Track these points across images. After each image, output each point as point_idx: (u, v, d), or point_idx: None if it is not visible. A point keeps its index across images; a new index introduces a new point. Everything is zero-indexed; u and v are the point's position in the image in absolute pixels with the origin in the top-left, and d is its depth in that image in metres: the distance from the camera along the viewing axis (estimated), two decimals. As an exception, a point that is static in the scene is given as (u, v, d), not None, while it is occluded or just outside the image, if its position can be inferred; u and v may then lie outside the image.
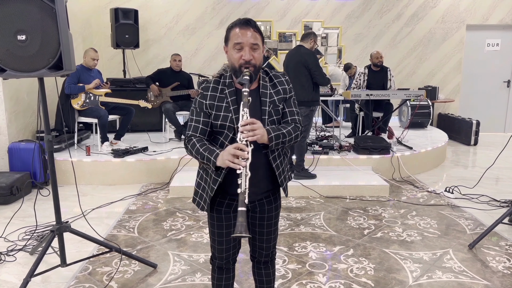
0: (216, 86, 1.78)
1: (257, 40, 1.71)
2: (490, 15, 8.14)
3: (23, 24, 2.34)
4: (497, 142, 7.59)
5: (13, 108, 4.91)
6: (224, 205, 1.85)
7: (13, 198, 4.26)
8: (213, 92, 1.77)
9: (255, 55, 1.70)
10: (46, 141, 2.60)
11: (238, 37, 1.69)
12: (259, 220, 1.90)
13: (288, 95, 1.83)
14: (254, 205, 1.87)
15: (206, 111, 1.77)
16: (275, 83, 1.82)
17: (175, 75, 6.06)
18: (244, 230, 1.54)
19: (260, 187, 1.83)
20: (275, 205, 1.92)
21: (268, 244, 1.95)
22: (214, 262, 1.99)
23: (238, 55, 1.70)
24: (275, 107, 1.79)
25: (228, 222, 1.87)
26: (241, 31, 1.69)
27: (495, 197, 4.45)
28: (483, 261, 3.06)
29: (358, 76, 6.25)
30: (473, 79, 8.45)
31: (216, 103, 1.75)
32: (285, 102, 1.83)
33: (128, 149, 5.12)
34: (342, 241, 3.40)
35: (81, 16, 7.03)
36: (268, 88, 1.80)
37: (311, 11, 8.03)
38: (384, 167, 5.17)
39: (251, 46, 1.69)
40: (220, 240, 1.90)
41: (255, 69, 1.71)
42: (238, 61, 1.70)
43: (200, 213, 3.99)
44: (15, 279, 2.79)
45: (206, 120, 1.77)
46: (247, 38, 1.68)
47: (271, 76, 1.84)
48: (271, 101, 1.78)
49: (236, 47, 1.70)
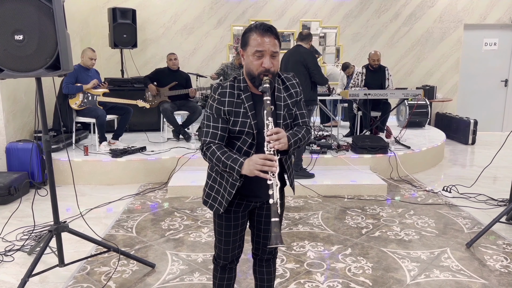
0: (232, 91, 1.75)
1: (277, 48, 1.71)
2: (487, 15, 8.16)
3: (20, 24, 2.33)
4: (495, 141, 7.61)
5: (11, 108, 4.90)
6: (234, 205, 1.85)
7: (11, 198, 4.25)
8: (231, 98, 1.74)
9: (274, 62, 1.70)
10: (44, 141, 2.60)
11: (259, 45, 1.67)
12: (265, 218, 1.92)
13: (299, 98, 1.87)
14: (262, 204, 1.89)
15: (224, 117, 1.74)
16: (287, 86, 1.84)
17: (173, 75, 6.06)
18: (280, 241, 1.55)
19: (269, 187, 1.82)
20: (280, 202, 1.89)
21: None
22: (218, 262, 1.99)
23: (258, 62, 1.69)
24: (289, 111, 1.82)
25: (236, 222, 1.88)
26: (263, 38, 1.67)
27: (493, 196, 4.46)
28: (481, 260, 3.07)
29: (356, 75, 6.25)
30: (471, 78, 8.47)
31: (234, 109, 1.74)
32: (296, 105, 1.86)
33: (126, 149, 5.12)
34: (340, 240, 3.40)
35: (79, 16, 7.02)
36: (282, 91, 1.81)
37: (309, 11, 8.04)
38: (382, 167, 5.18)
39: (272, 53, 1.69)
40: (227, 240, 1.91)
41: (273, 76, 1.72)
42: (258, 68, 1.69)
43: (198, 212, 3.99)
44: (13, 279, 2.79)
45: (224, 126, 1.75)
46: (269, 46, 1.67)
47: (283, 78, 1.84)
48: (285, 105, 1.80)
49: (256, 54, 1.68)
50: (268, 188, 1.67)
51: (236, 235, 1.91)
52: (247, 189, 1.80)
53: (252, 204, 1.88)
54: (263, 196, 1.80)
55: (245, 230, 1.96)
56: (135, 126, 6.53)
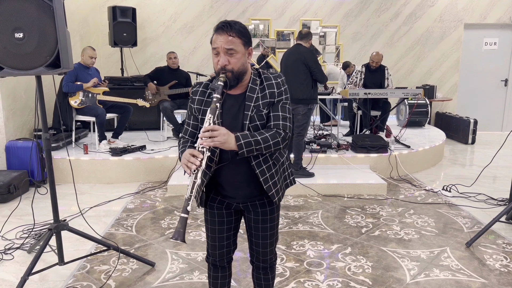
0: (204, 90, 1.79)
1: (233, 45, 1.64)
2: (487, 14, 8.16)
3: (20, 22, 2.33)
4: (495, 140, 7.61)
5: (11, 106, 4.90)
6: (216, 201, 1.87)
7: (11, 197, 4.25)
8: (201, 97, 1.79)
9: (231, 60, 1.66)
10: (44, 140, 2.59)
11: (213, 42, 1.68)
12: (254, 222, 1.89)
13: (277, 99, 1.74)
14: (247, 206, 1.86)
15: (195, 115, 1.80)
16: (264, 87, 1.75)
17: (173, 73, 6.05)
18: (179, 237, 1.56)
19: (245, 191, 1.81)
20: (270, 208, 1.87)
21: (264, 249, 1.93)
22: (208, 259, 2.00)
23: (215, 60, 1.69)
24: (258, 112, 1.73)
25: (221, 219, 1.88)
26: (216, 35, 1.66)
27: (493, 196, 4.46)
28: (481, 259, 3.07)
29: (355, 74, 6.25)
30: (471, 78, 8.47)
31: (203, 107, 1.77)
32: (272, 107, 1.74)
33: (126, 148, 5.12)
34: (340, 239, 3.40)
35: (79, 14, 7.01)
36: (256, 92, 1.74)
37: (309, 10, 8.03)
38: (382, 166, 5.18)
39: (226, 51, 1.65)
40: (213, 236, 1.91)
41: (232, 75, 1.67)
42: (216, 66, 1.70)
43: (198, 211, 3.99)
44: (12, 277, 2.79)
45: (195, 123, 1.82)
46: (221, 43, 1.65)
47: (263, 78, 1.77)
48: (255, 105, 1.72)
49: (213, 52, 1.69)
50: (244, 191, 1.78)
51: (222, 232, 1.90)
52: (223, 188, 1.83)
53: (234, 205, 1.87)
54: (239, 198, 1.82)
55: (234, 231, 1.94)
56: (135, 124, 6.52)
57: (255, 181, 1.78)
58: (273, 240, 1.94)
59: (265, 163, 1.75)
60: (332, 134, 6.08)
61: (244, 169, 1.76)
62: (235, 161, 1.72)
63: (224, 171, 1.78)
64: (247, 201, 1.84)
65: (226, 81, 1.67)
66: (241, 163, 1.74)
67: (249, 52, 1.73)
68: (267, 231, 1.90)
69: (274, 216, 1.90)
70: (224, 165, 1.76)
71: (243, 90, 1.76)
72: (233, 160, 1.73)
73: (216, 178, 1.80)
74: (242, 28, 1.68)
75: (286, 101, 1.77)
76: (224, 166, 1.76)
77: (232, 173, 1.77)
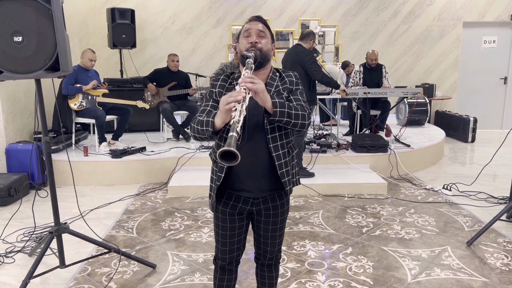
0: (226, 79, 1.85)
1: (265, 30, 1.80)
2: (486, 12, 8.16)
3: (19, 26, 2.33)
4: (495, 139, 7.61)
5: (10, 109, 4.90)
6: (229, 206, 1.85)
7: (11, 200, 4.25)
8: (223, 82, 1.84)
9: (262, 41, 1.77)
10: (44, 142, 2.59)
11: (247, 27, 1.80)
12: (264, 224, 1.90)
13: (295, 87, 1.86)
14: (259, 203, 1.85)
15: (215, 98, 1.82)
16: (283, 77, 1.86)
17: (172, 75, 6.05)
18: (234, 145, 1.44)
19: (263, 183, 1.81)
20: (281, 210, 1.90)
21: (272, 248, 1.96)
22: (217, 263, 1.99)
23: (246, 41, 1.78)
24: (279, 94, 1.81)
25: (232, 224, 1.88)
26: (250, 23, 1.81)
27: (493, 194, 4.47)
28: (481, 258, 3.07)
29: (354, 74, 6.26)
30: (470, 76, 8.47)
31: (224, 91, 1.81)
32: (291, 93, 1.85)
33: (126, 149, 5.12)
34: (340, 239, 3.41)
35: (78, 17, 7.01)
36: (276, 81, 1.84)
37: (308, 10, 8.03)
38: (382, 165, 5.18)
39: (258, 33, 1.77)
40: (223, 241, 1.91)
41: (260, 54, 1.75)
42: (246, 45, 1.76)
43: (199, 212, 3.99)
44: (14, 280, 2.79)
45: (214, 105, 1.82)
46: (255, 26, 1.78)
47: (281, 72, 1.89)
48: (275, 90, 1.81)
49: (244, 34, 1.79)
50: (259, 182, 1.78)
51: (233, 237, 1.90)
52: (235, 180, 1.80)
53: (247, 208, 1.85)
54: (255, 191, 1.81)
55: (244, 234, 1.94)
56: (135, 126, 6.52)
57: (270, 171, 1.80)
58: (281, 239, 1.98)
59: (281, 149, 1.79)
60: (332, 134, 6.08)
61: (261, 156, 1.77)
62: (253, 145, 1.73)
63: (241, 158, 1.72)
64: (261, 195, 1.84)
65: (256, 54, 1.73)
66: (259, 148, 1.75)
67: (272, 48, 1.84)
68: (276, 231, 1.92)
69: (284, 217, 1.93)
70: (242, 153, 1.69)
71: (264, 82, 1.79)
72: (252, 143, 1.74)
73: (233, 169, 1.79)
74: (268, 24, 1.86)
75: (302, 91, 1.89)
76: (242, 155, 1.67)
77: (249, 161, 1.74)
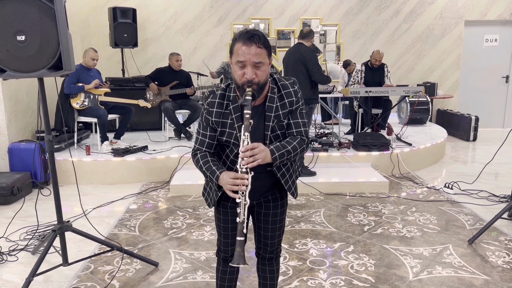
0: (221, 101, 1.75)
1: (261, 58, 1.63)
2: (488, 11, 8.14)
3: (22, 25, 2.34)
4: (496, 137, 7.60)
5: (13, 108, 4.91)
6: (230, 200, 1.86)
7: (14, 198, 4.27)
8: (219, 109, 1.75)
9: (258, 72, 1.64)
10: (47, 141, 2.61)
11: (241, 55, 1.62)
12: (264, 216, 1.93)
13: (295, 106, 1.78)
14: (259, 201, 1.89)
15: (213, 126, 1.78)
16: (282, 95, 1.76)
17: (174, 74, 6.05)
18: (242, 261, 1.58)
19: (261, 191, 1.87)
20: (281, 202, 1.93)
21: (272, 240, 1.98)
22: (219, 255, 2.02)
23: (240, 72, 1.65)
24: (279, 122, 1.76)
25: (234, 217, 1.88)
26: (244, 47, 1.62)
27: (494, 192, 4.46)
28: (483, 256, 3.08)
29: (356, 73, 6.26)
30: (472, 75, 8.46)
31: (222, 120, 1.75)
32: (291, 114, 1.78)
33: (128, 148, 5.13)
34: (342, 237, 3.41)
35: (80, 16, 7.03)
36: (275, 101, 1.75)
37: (309, 9, 8.03)
38: (384, 164, 5.18)
39: (254, 64, 1.62)
40: (225, 233, 1.94)
41: (258, 87, 1.66)
42: (241, 79, 1.65)
43: (201, 211, 4.01)
44: (17, 278, 2.80)
45: (212, 135, 1.80)
46: (250, 56, 1.61)
47: (279, 86, 1.77)
48: (276, 115, 1.75)
49: (238, 64, 1.64)
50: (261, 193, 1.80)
51: (235, 230, 1.90)
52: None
53: None
54: (255, 194, 1.82)
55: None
56: (137, 125, 6.54)
57: (271, 182, 1.84)
58: (281, 232, 2.00)
59: (284, 166, 1.81)
60: (333, 133, 6.09)
61: (263, 175, 1.79)
62: (257, 170, 1.70)
63: None
64: (262, 197, 1.88)
65: (254, 94, 1.64)
66: (261, 167, 1.72)
67: (270, 62, 1.71)
68: (276, 224, 1.95)
69: (284, 209, 1.96)
70: None
71: (262, 101, 1.76)
72: (257, 170, 1.70)
73: None
74: (265, 38, 1.67)
75: (302, 106, 1.82)
76: None
77: (252, 179, 1.70)
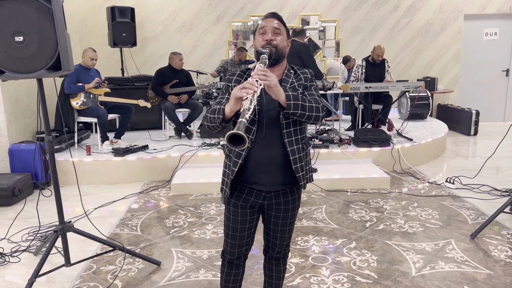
0: (242, 74, 1.89)
1: (280, 27, 1.82)
2: (487, 4, 8.12)
3: (20, 25, 2.33)
4: (497, 131, 7.59)
5: (13, 109, 4.91)
6: (241, 199, 1.86)
7: (15, 200, 4.27)
8: (239, 77, 1.88)
9: (277, 38, 1.79)
10: (47, 142, 2.60)
11: (263, 23, 1.83)
12: (274, 218, 1.92)
13: (309, 83, 1.88)
14: (270, 197, 1.86)
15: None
16: (298, 74, 1.89)
17: (175, 73, 6.04)
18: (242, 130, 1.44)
19: (276, 177, 1.82)
20: (292, 203, 1.91)
21: (281, 241, 1.97)
22: (225, 257, 2.00)
23: (261, 38, 1.81)
24: (294, 90, 1.82)
25: (244, 218, 1.88)
26: (266, 20, 1.83)
27: (496, 187, 4.46)
28: (485, 250, 3.07)
29: (356, 68, 6.23)
30: (472, 69, 8.44)
31: None
32: (306, 89, 1.87)
33: (129, 148, 5.13)
34: (344, 234, 3.41)
35: (78, 15, 7.01)
36: (291, 77, 1.86)
37: (308, 5, 8.01)
38: (385, 159, 5.17)
39: (273, 30, 1.80)
40: (234, 235, 1.91)
41: (276, 51, 1.78)
42: (261, 42, 1.80)
43: (202, 209, 4.00)
44: (20, 279, 2.80)
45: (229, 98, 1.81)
46: (270, 23, 1.81)
47: (296, 69, 1.91)
48: (290, 86, 1.83)
49: (260, 31, 1.83)
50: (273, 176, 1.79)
51: (244, 231, 1.90)
52: (248, 174, 1.81)
53: (259, 202, 1.87)
54: (267, 185, 1.82)
55: (254, 229, 1.95)
56: (137, 124, 6.54)
57: (284, 166, 1.81)
58: (291, 233, 1.99)
59: (296, 144, 1.80)
60: (334, 129, 6.08)
61: (275, 150, 1.78)
62: (268, 139, 1.75)
63: (256, 152, 1.78)
64: (273, 189, 1.84)
65: (271, 51, 1.76)
66: (274, 142, 1.77)
67: (288, 44, 1.87)
68: (286, 226, 1.94)
69: (295, 212, 1.95)
70: (256, 147, 1.77)
71: (279, 78, 1.83)
72: (267, 137, 1.75)
73: (247, 163, 1.80)
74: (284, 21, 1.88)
75: (317, 87, 1.91)
76: (256, 149, 1.77)
77: (263, 155, 1.77)
